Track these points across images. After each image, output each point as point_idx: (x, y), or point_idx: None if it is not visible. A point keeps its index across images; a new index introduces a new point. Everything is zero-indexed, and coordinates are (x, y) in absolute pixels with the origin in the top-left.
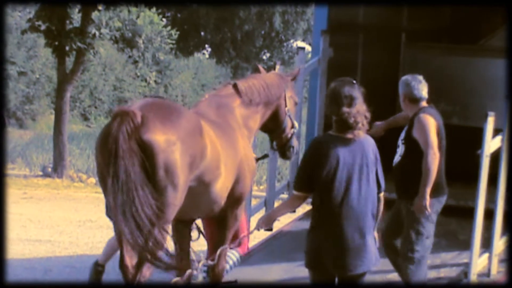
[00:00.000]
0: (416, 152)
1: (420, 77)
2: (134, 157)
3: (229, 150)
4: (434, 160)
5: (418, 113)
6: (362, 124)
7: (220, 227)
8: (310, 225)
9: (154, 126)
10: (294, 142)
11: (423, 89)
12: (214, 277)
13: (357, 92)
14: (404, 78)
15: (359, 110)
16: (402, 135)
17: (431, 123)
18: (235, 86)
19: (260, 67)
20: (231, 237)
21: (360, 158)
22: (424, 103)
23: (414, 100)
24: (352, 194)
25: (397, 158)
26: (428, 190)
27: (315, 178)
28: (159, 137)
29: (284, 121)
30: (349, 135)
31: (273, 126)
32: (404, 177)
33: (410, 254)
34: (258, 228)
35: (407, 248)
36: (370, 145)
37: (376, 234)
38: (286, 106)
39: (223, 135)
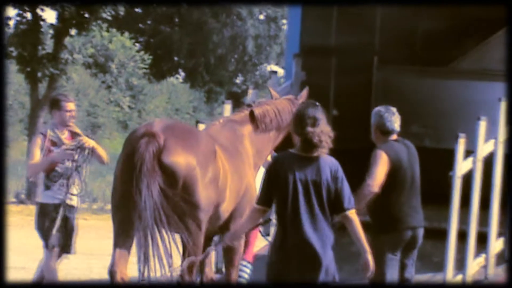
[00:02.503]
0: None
1: (394, 109)
2: (156, 176)
3: (235, 176)
4: (368, 191)
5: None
6: (326, 142)
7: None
8: (273, 239)
9: (175, 150)
10: None
11: (395, 121)
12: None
13: (320, 114)
14: (377, 109)
15: (323, 130)
16: None
17: (382, 159)
18: (251, 114)
19: (272, 90)
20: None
21: (315, 176)
22: (394, 136)
23: (386, 132)
24: (304, 211)
25: None
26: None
27: (272, 193)
28: (181, 161)
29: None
30: (311, 154)
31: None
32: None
33: None
34: (224, 244)
35: None
36: (328, 164)
37: (369, 257)
38: None
39: (231, 161)
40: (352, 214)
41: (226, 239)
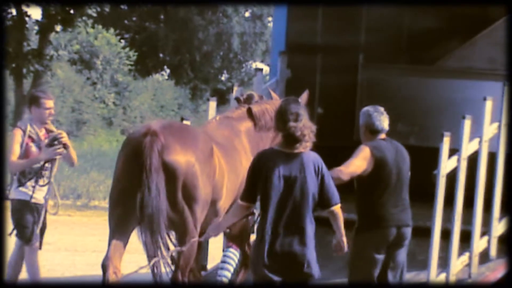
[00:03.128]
0: (359, 184)
1: (382, 109)
2: (161, 174)
3: (231, 174)
4: (336, 175)
5: None
6: (309, 136)
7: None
8: (256, 236)
9: (175, 149)
10: None
11: (384, 121)
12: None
13: (302, 109)
14: (365, 109)
15: (305, 124)
16: None
17: (364, 152)
18: (249, 111)
19: (272, 92)
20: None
21: (299, 172)
22: (382, 136)
23: (375, 131)
24: (288, 206)
25: None
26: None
27: (256, 190)
28: (181, 159)
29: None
30: (295, 150)
31: None
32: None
33: None
34: (207, 237)
35: None
36: (311, 160)
37: (344, 240)
38: None
39: (228, 159)
40: (338, 209)
41: (209, 231)
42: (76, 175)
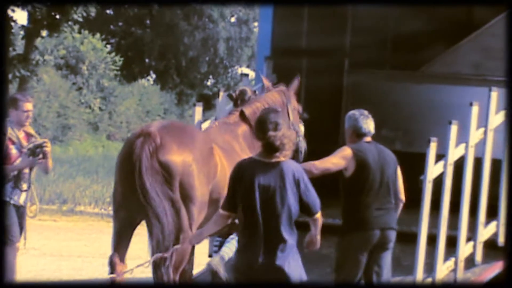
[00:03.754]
0: (343, 187)
1: (366, 112)
2: (156, 175)
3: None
4: (308, 167)
5: None
6: (288, 146)
7: None
8: (238, 244)
9: (171, 148)
10: (302, 144)
11: (370, 124)
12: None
13: (281, 119)
14: (351, 112)
15: (285, 134)
16: None
17: (343, 152)
18: (242, 114)
19: (264, 79)
20: None
21: (277, 181)
22: (368, 139)
23: (361, 135)
24: (267, 216)
25: None
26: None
27: (236, 199)
28: (176, 159)
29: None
30: (274, 159)
31: None
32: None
33: None
34: (189, 243)
35: None
36: (291, 168)
37: (318, 237)
38: (289, 118)
39: (230, 159)
40: (319, 216)
41: (191, 239)
42: (62, 180)
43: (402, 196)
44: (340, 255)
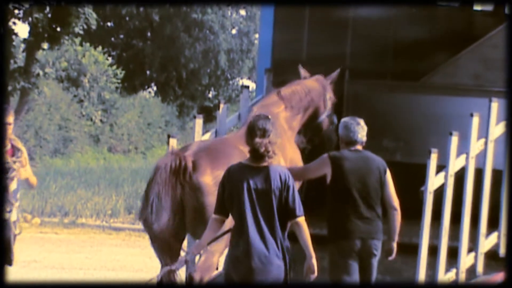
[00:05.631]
0: (327, 195)
1: (359, 120)
2: (184, 193)
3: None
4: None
5: None
6: (273, 152)
7: None
8: (229, 245)
9: (204, 169)
10: (333, 135)
11: (360, 132)
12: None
13: (270, 126)
14: (343, 120)
15: (271, 141)
16: None
17: (321, 160)
18: (279, 94)
19: (301, 69)
20: None
21: (265, 185)
22: (358, 146)
23: (349, 142)
24: (252, 219)
25: None
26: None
27: (225, 203)
28: (208, 179)
29: (320, 118)
30: (261, 164)
31: (310, 122)
32: None
33: None
34: (193, 254)
35: None
36: (278, 173)
37: (314, 262)
38: (325, 107)
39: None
40: (302, 220)
41: (192, 249)
42: (63, 192)
43: (396, 204)
44: (331, 261)
